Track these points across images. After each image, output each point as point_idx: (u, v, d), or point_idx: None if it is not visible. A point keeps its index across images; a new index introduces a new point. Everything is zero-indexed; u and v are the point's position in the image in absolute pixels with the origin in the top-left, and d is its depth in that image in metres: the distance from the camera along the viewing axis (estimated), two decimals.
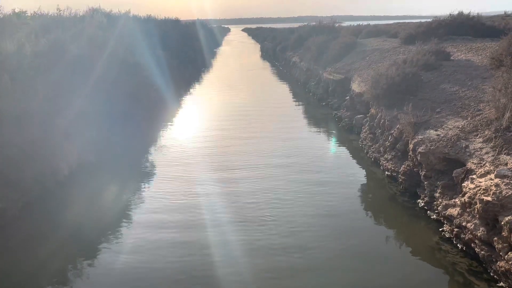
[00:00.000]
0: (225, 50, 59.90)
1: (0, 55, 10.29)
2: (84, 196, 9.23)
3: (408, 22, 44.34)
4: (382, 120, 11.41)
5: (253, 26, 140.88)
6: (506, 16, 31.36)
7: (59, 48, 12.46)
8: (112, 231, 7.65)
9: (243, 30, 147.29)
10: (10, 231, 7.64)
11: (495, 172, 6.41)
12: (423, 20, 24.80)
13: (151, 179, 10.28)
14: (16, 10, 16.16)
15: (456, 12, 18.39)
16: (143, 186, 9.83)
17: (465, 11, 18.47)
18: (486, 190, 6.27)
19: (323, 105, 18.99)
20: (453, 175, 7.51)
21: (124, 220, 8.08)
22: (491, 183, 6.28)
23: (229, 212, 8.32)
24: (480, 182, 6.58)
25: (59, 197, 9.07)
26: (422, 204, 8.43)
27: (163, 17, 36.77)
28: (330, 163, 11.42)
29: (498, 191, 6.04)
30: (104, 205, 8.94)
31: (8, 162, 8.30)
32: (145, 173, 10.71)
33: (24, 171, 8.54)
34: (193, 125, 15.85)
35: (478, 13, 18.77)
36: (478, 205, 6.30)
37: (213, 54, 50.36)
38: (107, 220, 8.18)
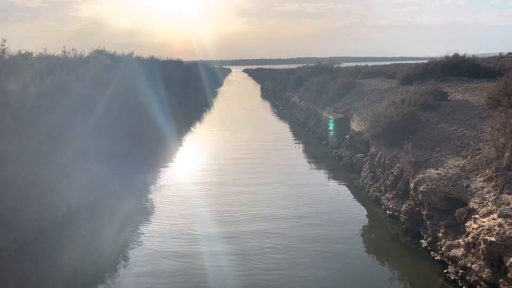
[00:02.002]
0: (226, 90, 60.88)
1: (4, 95, 10.45)
2: (81, 237, 9.07)
3: (405, 63, 45.31)
4: (382, 159, 11.42)
5: (254, 67, 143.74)
6: (501, 58, 32.07)
7: (63, 88, 12.68)
8: (109, 277, 7.46)
9: (244, 70, 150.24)
10: (5, 272, 7.46)
11: (498, 212, 6.35)
12: (419, 62, 25.33)
13: (150, 221, 10.08)
14: (22, 52, 16.54)
15: (451, 54, 18.84)
16: (142, 228, 9.62)
17: (461, 53, 18.91)
18: (489, 230, 6.18)
19: (323, 144, 19.07)
20: (456, 214, 7.43)
21: (122, 265, 7.87)
22: (494, 223, 6.20)
23: (231, 263, 7.91)
24: (483, 222, 6.49)
25: (57, 237, 8.92)
26: (425, 245, 8.28)
27: (166, 58, 37.58)
28: (332, 202, 11.32)
29: (501, 231, 5.95)
30: (102, 247, 8.73)
31: (6, 201, 8.24)
32: (145, 215, 10.54)
33: (21, 211, 8.45)
34: (193, 165, 15.68)
35: (473, 55, 19.22)
36: (482, 246, 6.18)
37: (215, 94, 51.15)
38: (104, 263, 7.97)
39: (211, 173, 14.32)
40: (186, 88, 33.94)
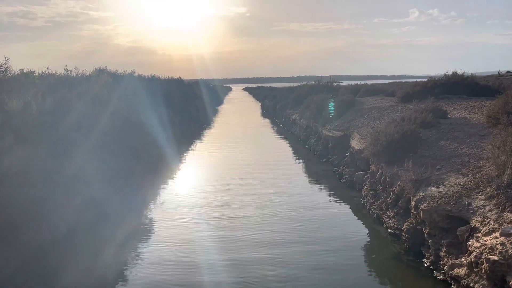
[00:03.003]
0: (227, 108, 61.16)
1: (6, 114, 10.51)
2: (80, 257, 8.97)
3: (404, 82, 45.73)
4: (383, 177, 11.40)
5: (254, 85, 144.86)
6: (500, 76, 32.38)
7: (65, 106, 12.75)
8: None
9: (244, 89, 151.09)
10: None
11: (500, 230, 6.30)
12: (418, 80, 25.55)
13: (150, 242, 9.92)
14: (25, 70, 16.67)
15: (450, 72, 18.98)
16: (141, 249, 9.47)
17: (459, 72, 19.05)
18: (492, 249, 6.12)
19: (323, 162, 19.04)
20: (458, 233, 7.37)
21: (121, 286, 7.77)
22: (497, 241, 6.15)
23: (229, 281, 7.79)
24: (485, 240, 6.44)
25: (55, 257, 8.82)
26: (428, 264, 8.19)
27: (167, 77, 37.88)
28: (333, 222, 11.21)
29: (504, 250, 5.90)
30: (101, 268, 8.58)
31: (5, 219, 8.19)
32: (144, 235, 10.41)
33: (21, 229, 8.40)
34: (193, 185, 15.44)
35: (472, 73, 19.37)
36: (485, 265, 6.12)
37: (215, 112, 51.35)
38: (103, 285, 7.86)
39: (211, 193, 14.10)
40: (187, 106, 34.13)
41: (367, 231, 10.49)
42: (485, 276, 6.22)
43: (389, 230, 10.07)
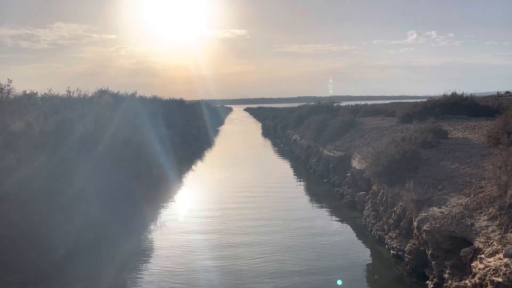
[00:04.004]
0: (228, 129, 61.36)
1: (8, 135, 10.55)
2: (79, 279, 8.86)
3: (404, 102, 45.90)
4: (385, 197, 11.34)
5: (255, 105, 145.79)
6: (499, 96, 32.56)
7: (66, 127, 12.81)
8: None
9: (245, 109, 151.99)
10: None
11: (504, 252, 6.24)
12: (418, 100, 25.69)
13: (149, 265, 9.78)
14: (27, 92, 16.79)
15: (449, 93, 19.09)
16: (140, 273, 9.34)
17: (459, 92, 19.14)
18: (496, 271, 6.05)
19: (324, 182, 18.97)
20: (461, 254, 7.29)
21: None
22: (501, 263, 6.08)
23: None
24: (489, 262, 6.37)
25: (54, 279, 8.72)
26: (432, 286, 8.08)
27: (168, 97, 38.15)
28: (335, 242, 11.12)
29: (508, 272, 5.83)
30: None
31: (6, 241, 8.13)
32: (143, 258, 10.29)
33: (20, 251, 8.32)
34: (193, 208, 15.11)
35: (471, 94, 19.46)
36: (489, 287, 6.03)
37: (216, 132, 51.49)
38: None
39: (211, 216, 13.78)
40: (188, 126, 34.26)
41: (370, 252, 10.38)
42: None
43: (391, 251, 9.97)
